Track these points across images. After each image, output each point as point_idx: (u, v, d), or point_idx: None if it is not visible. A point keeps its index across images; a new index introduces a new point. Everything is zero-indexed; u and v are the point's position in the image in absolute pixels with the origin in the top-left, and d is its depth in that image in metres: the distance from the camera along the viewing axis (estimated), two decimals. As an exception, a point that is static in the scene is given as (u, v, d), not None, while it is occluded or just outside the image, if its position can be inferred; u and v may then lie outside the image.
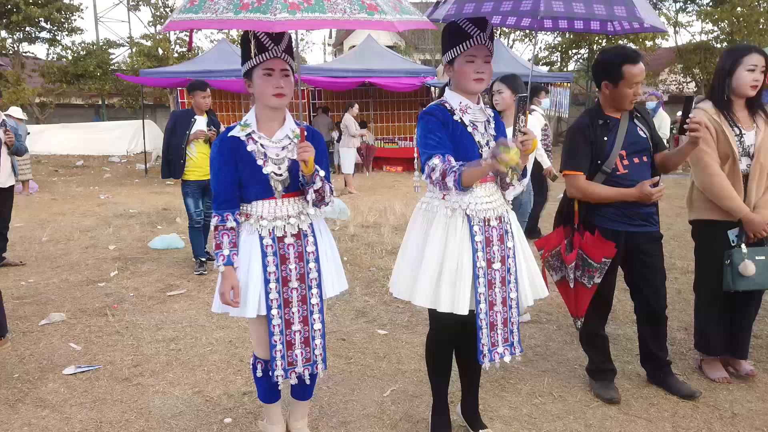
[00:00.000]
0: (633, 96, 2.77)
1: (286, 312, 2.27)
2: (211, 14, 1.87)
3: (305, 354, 2.32)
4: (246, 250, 2.24)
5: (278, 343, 2.26)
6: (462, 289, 2.26)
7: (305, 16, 1.81)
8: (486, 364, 2.35)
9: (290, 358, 2.30)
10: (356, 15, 1.89)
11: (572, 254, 2.88)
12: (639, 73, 2.74)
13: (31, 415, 2.88)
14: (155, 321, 4.15)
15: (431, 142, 2.25)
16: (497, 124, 2.43)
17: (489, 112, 2.42)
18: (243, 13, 1.81)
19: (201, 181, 5.34)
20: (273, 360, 2.28)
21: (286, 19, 1.77)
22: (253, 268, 2.23)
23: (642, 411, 2.87)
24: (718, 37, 19.91)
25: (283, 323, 2.26)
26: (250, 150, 2.21)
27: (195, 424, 2.78)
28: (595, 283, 2.87)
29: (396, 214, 8.13)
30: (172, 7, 22.22)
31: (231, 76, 11.65)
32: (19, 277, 5.26)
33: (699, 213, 3.07)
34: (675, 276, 4.96)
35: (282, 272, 2.25)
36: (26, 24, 21.24)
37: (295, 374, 2.33)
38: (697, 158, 2.95)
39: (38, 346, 3.74)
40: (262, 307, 2.23)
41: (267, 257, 2.23)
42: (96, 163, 16.29)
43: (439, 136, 2.25)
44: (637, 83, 2.76)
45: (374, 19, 1.95)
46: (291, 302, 2.27)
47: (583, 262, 2.86)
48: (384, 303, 4.48)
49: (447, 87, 2.40)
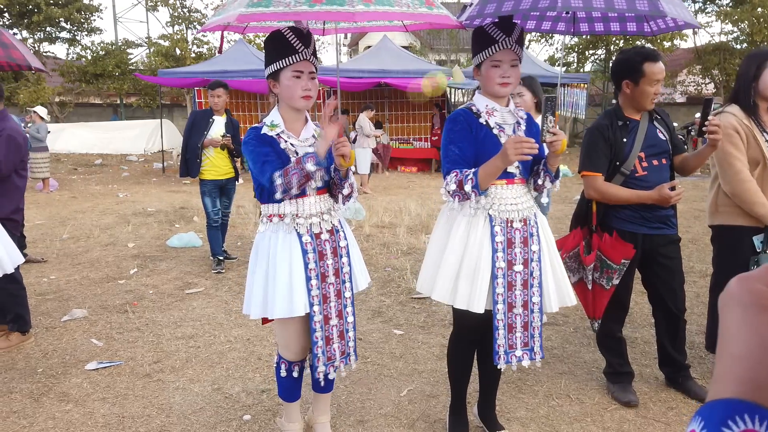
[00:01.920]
0: (654, 95, 2.77)
1: (325, 308, 2.30)
2: (284, 7, 1.86)
3: (341, 347, 2.36)
4: (286, 250, 2.23)
5: (319, 340, 2.29)
6: (479, 288, 2.28)
7: (377, 8, 1.83)
8: (502, 366, 2.36)
9: (329, 353, 2.33)
10: (418, 9, 1.93)
11: (591, 255, 2.88)
12: (659, 72, 2.75)
13: (55, 409, 2.94)
14: (174, 318, 4.21)
15: (451, 155, 2.29)
16: (529, 126, 2.43)
17: (521, 114, 2.43)
18: (318, 6, 1.81)
19: (218, 181, 5.40)
20: (314, 357, 2.30)
21: (364, 10, 1.79)
22: (295, 267, 2.23)
23: (660, 415, 2.86)
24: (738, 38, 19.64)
25: (322, 319, 2.29)
26: (283, 148, 2.23)
27: (215, 420, 2.82)
28: (613, 285, 2.86)
29: (411, 214, 8.15)
30: (190, 8, 22.42)
31: (248, 77, 11.73)
32: (41, 273, 5.35)
33: (725, 218, 3.00)
34: (693, 279, 4.92)
35: (321, 268, 2.28)
36: (47, 24, 21.57)
37: (333, 368, 2.36)
38: (728, 163, 2.90)
39: (61, 341, 3.81)
40: (307, 304, 2.24)
41: (307, 254, 2.24)
42: (114, 161, 16.49)
43: (460, 146, 2.28)
44: (658, 81, 2.76)
45: (433, 12, 1.99)
46: (329, 297, 2.30)
47: (602, 264, 2.86)
48: (400, 303, 4.50)
49: (477, 90, 2.44)
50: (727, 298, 0.48)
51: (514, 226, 2.32)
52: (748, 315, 0.45)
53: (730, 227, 3.00)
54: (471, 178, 2.19)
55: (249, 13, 1.95)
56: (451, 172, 2.27)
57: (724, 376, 0.45)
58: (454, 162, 2.28)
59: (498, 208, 2.31)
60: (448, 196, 2.29)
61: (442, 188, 2.31)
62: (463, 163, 2.27)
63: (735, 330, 0.46)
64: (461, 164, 2.27)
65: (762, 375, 0.43)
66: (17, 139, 3.67)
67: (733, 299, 0.47)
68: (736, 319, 0.46)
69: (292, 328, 2.34)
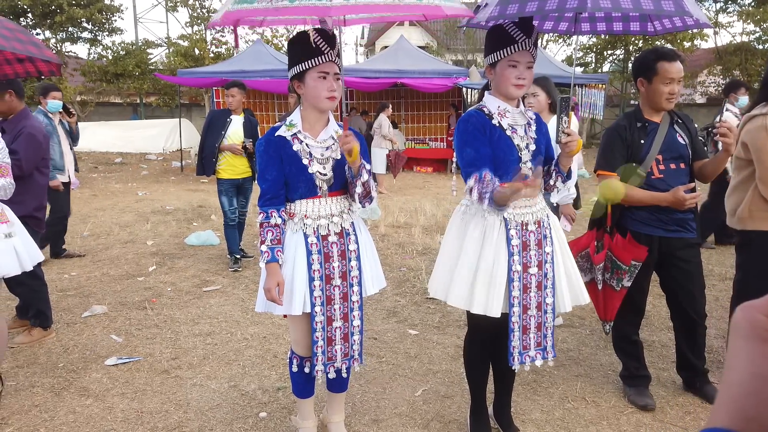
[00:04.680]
0: (669, 95, 2.73)
1: (329, 309, 2.31)
2: (266, 3, 1.87)
3: (344, 349, 2.37)
4: (291, 249, 2.27)
5: (320, 340, 2.31)
6: (496, 292, 2.28)
7: (358, 1, 1.80)
8: (516, 366, 2.37)
9: (330, 353, 2.35)
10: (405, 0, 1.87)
11: (600, 255, 2.87)
12: (675, 71, 2.70)
13: (75, 403, 2.99)
14: (192, 315, 4.26)
15: (467, 157, 2.27)
16: (539, 127, 2.42)
17: (530, 115, 2.42)
18: (298, 1, 1.81)
19: (235, 180, 5.45)
20: (314, 355, 2.33)
21: (342, 4, 1.76)
22: (298, 267, 2.26)
23: (677, 419, 2.83)
24: (760, 38, 19.33)
25: (325, 320, 2.31)
26: (295, 150, 2.25)
27: (231, 417, 2.86)
28: (624, 287, 2.84)
29: (426, 214, 8.14)
30: (209, 8, 22.62)
31: (266, 76, 11.80)
32: (63, 270, 5.45)
33: (761, 224, 2.87)
34: (713, 283, 4.86)
35: (326, 270, 2.29)
36: (69, 24, 21.90)
37: (334, 369, 2.38)
38: (766, 167, 2.78)
39: (81, 337, 3.88)
40: (307, 304, 2.27)
41: (312, 255, 2.27)
42: (134, 160, 16.70)
43: (475, 147, 2.27)
44: (672, 81, 2.71)
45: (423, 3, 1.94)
46: (333, 299, 2.32)
47: (612, 264, 2.85)
48: (415, 303, 4.50)
49: (486, 90, 2.41)
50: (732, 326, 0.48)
51: (529, 228, 2.32)
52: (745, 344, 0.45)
53: (765, 233, 2.87)
54: (488, 196, 2.15)
55: (234, 10, 1.98)
56: (471, 176, 2.24)
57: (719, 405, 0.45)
58: (471, 164, 2.26)
59: (513, 211, 2.30)
60: (471, 201, 2.29)
61: (455, 179, 2.30)
62: (482, 164, 2.24)
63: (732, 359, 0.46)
64: (479, 165, 2.24)
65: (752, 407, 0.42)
66: (37, 136, 3.74)
67: (735, 328, 0.47)
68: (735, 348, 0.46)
69: (301, 324, 2.37)
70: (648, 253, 2.80)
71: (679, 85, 2.74)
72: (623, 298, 2.90)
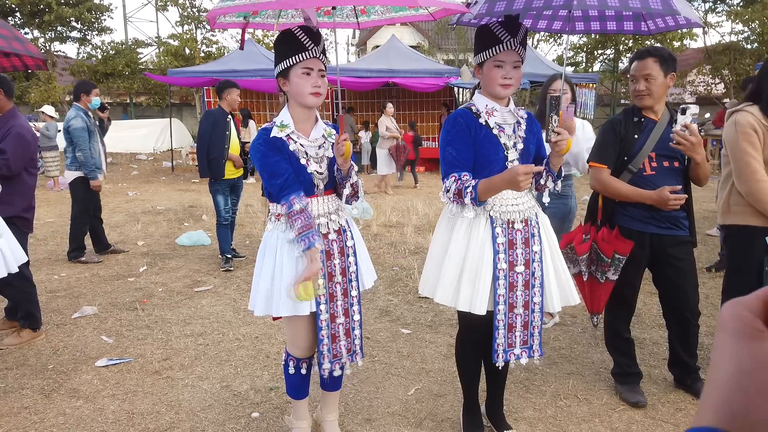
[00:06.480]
0: (633, 92, 2.84)
1: (332, 306, 2.32)
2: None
3: (347, 345, 2.38)
4: (294, 249, 2.24)
5: (325, 338, 2.31)
6: (481, 290, 2.28)
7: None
8: (500, 363, 2.38)
9: (335, 350, 2.35)
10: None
11: (584, 246, 2.90)
12: (634, 68, 2.81)
13: (65, 405, 2.97)
14: (183, 316, 4.23)
15: (448, 157, 2.28)
16: (529, 126, 2.42)
17: (521, 114, 2.42)
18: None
19: (230, 180, 5.44)
20: (320, 354, 2.32)
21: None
22: (301, 266, 2.23)
23: (668, 416, 2.85)
24: (749, 37, 19.49)
25: (329, 317, 2.31)
26: (292, 150, 2.23)
27: (224, 417, 2.84)
28: (609, 279, 2.86)
29: (419, 214, 8.15)
30: (200, 8, 22.52)
31: (256, 76, 11.76)
32: (52, 271, 5.40)
33: (738, 218, 2.94)
34: (703, 281, 4.89)
35: (328, 268, 2.29)
36: (58, 24, 21.75)
37: (339, 365, 2.38)
38: (744, 162, 2.84)
39: (71, 338, 3.84)
40: (313, 303, 2.25)
41: None
42: (124, 160, 16.60)
43: (457, 148, 2.27)
44: (635, 78, 2.80)
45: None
46: (336, 296, 2.32)
47: (597, 257, 2.88)
48: (407, 302, 4.50)
49: (477, 89, 2.42)
50: (718, 323, 0.49)
51: (516, 227, 2.32)
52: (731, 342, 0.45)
53: (743, 227, 2.97)
54: (471, 191, 2.16)
55: (219, 8, 2.01)
56: (450, 176, 2.26)
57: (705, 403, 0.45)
58: (451, 165, 2.27)
59: (499, 209, 2.30)
60: (448, 200, 2.30)
61: (441, 192, 2.31)
62: (461, 166, 2.26)
63: (717, 356, 0.46)
64: (458, 167, 2.26)
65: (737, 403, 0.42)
66: (26, 136, 3.70)
67: (721, 324, 0.47)
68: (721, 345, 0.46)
69: (299, 325, 2.35)
70: (639, 250, 2.82)
71: (648, 83, 2.77)
72: (612, 292, 2.92)
